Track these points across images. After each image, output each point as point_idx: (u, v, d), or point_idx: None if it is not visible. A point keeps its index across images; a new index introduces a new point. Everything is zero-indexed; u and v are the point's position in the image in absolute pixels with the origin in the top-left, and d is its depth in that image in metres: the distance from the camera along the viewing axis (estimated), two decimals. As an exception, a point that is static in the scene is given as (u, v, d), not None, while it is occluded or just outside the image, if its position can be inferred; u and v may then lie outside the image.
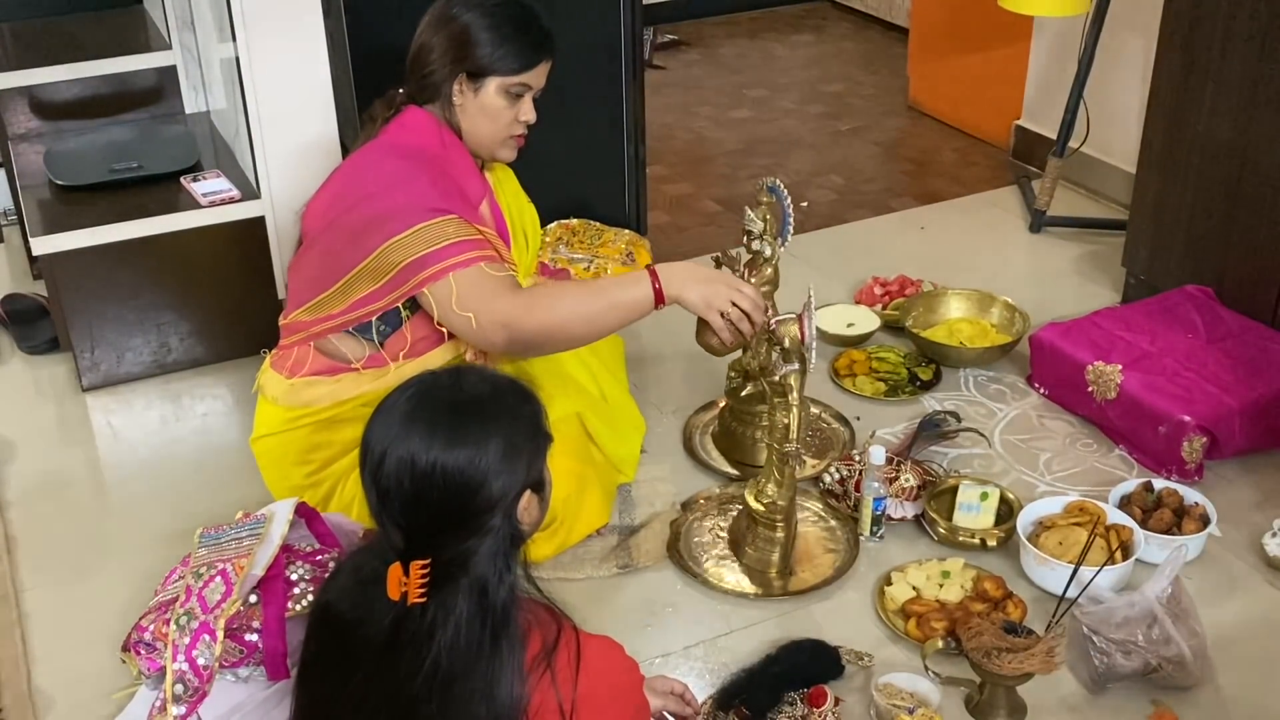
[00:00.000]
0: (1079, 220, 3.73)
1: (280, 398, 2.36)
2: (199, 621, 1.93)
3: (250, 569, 1.97)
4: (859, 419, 2.83)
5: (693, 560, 2.44)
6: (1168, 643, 2.06)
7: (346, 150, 2.88)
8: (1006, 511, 2.47)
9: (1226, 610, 2.29)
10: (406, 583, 1.51)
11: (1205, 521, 2.42)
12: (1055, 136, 3.69)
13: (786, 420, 2.28)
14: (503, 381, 1.61)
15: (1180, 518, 2.43)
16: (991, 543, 2.42)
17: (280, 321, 2.41)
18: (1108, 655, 2.07)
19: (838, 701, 2.06)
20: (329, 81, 2.87)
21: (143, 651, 2.04)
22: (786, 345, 2.24)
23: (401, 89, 2.37)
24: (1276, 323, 2.84)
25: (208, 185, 3.04)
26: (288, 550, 2.04)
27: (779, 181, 2.49)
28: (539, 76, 2.34)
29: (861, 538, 2.47)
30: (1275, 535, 2.40)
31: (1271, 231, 2.81)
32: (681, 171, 4.27)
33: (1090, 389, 2.74)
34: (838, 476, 2.57)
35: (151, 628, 2.04)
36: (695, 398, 2.92)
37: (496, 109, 2.32)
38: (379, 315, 2.27)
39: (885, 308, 3.22)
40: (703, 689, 2.12)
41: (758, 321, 2.24)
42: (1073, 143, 3.68)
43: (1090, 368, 2.74)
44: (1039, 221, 3.72)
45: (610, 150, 3.41)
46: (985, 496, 2.46)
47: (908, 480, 2.51)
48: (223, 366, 3.10)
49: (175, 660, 1.92)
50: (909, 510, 2.50)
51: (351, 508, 2.32)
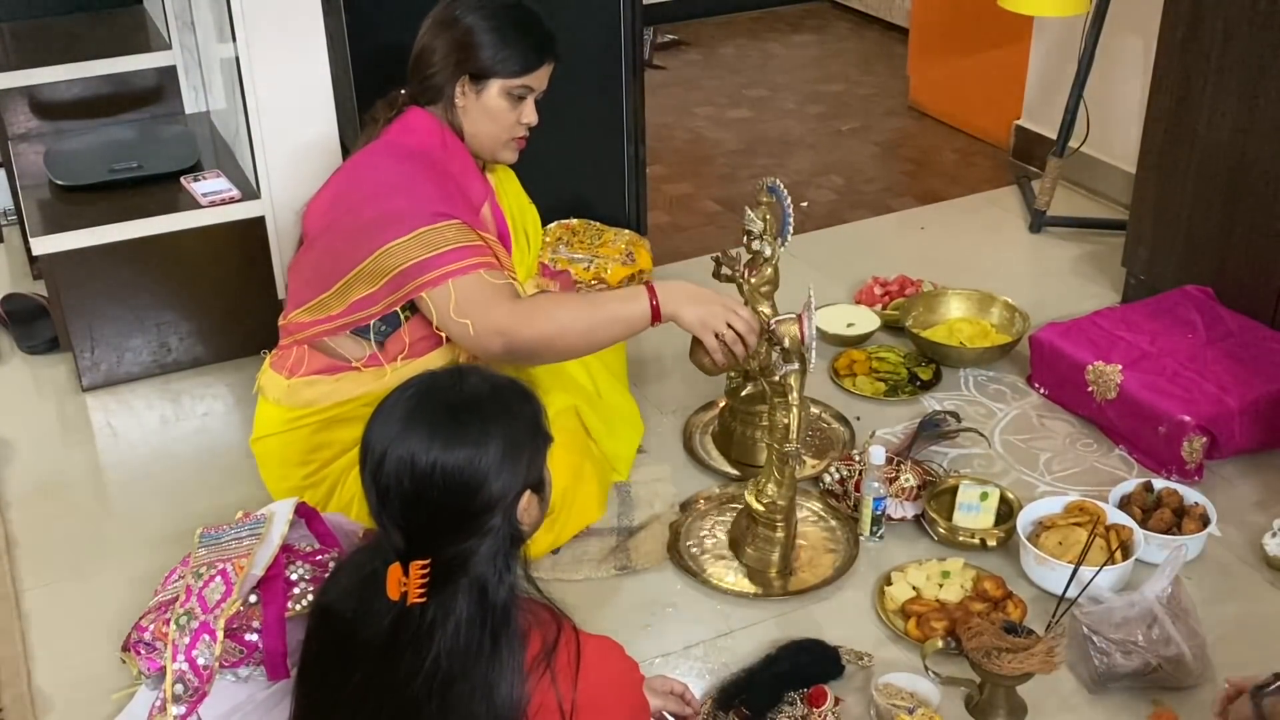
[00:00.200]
0: (1079, 220, 3.73)
1: (281, 398, 2.35)
2: (199, 621, 1.93)
3: (250, 569, 1.97)
4: (859, 419, 2.84)
5: (693, 560, 2.44)
6: (1168, 643, 2.06)
7: (347, 150, 2.88)
8: (1006, 511, 2.47)
9: (1226, 610, 2.29)
10: (406, 583, 1.51)
11: (1205, 521, 2.42)
12: (1055, 136, 3.69)
13: (786, 420, 2.28)
14: (503, 382, 1.62)
15: (1180, 518, 2.43)
16: (991, 543, 2.42)
17: (280, 322, 2.41)
18: (1108, 655, 2.07)
19: (838, 701, 2.06)
20: (329, 81, 2.87)
21: (143, 651, 2.04)
22: (786, 345, 2.24)
23: (404, 90, 2.38)
24: (1276, 323, 2.84)
25: (208, 185, 3.04)
26: (288, 550, 2.04)
27: (779, 181, 2.48)
28: (541, 79, 2.35)
29: (861, 538, 2.47)
30: (1275, 535, 2.40)
31: (1271, 232, 2.81)
32: (681, 171, 4.27)
33: (1090, 389, 2.74)
34: (838, 476, 2.57)
35: (151, 628, 2.04)
36: (695, 398, 2.92)
37: (499, 111, 2.32)
38: (378, 317, 2.28)
39: (885, 308, 3.22)
40: (703, 689, 2.12)
41: (751, 345, 2.24)
42: (1073, 143, 3.68)
43: (1090, 368, 2.74)
44: (1039, 221, 3.72)
45: (610, 150, 3.41)
46: (985, 496, 2.46)
47: (908, 480, 2.51)
48: (223, 366, 3.10)
49: (175, 660, 1.92)
50: (909, 510, 2.50)
51: (351, 507, 2.32)
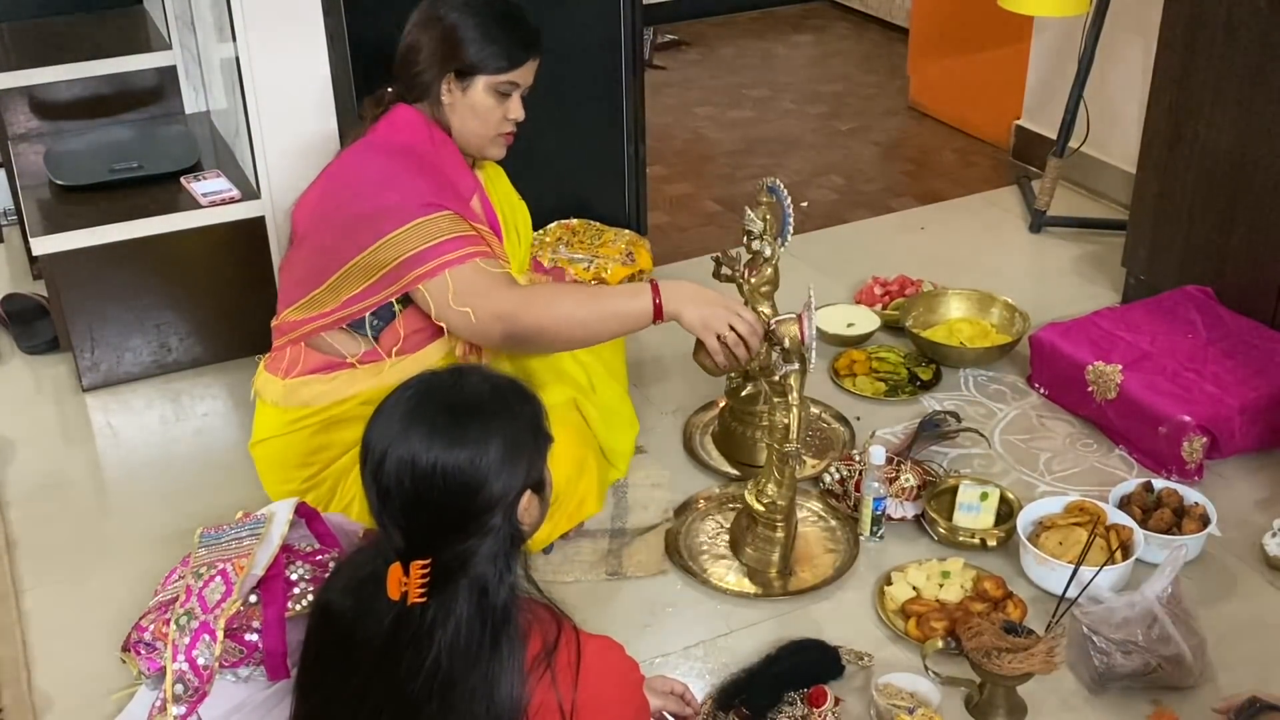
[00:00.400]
0: (1079, 220, 3.73)
1: (278, 400, 2.35)
2: (199, 621, 1.93)
3: (250, 569, 1.97)
4: (859, 419, 2.83)
5: (693, 560, 2.44)
6: (1168, 643, 2.06)
7: (347, 150, 2.89)
8: (1006, 511, 2.47)
9: (1226, 610, 2.29)
10: (407, 583, 1.51)
11: (1205, 521, 2.42)
12: (1055, 136, 3.69)
13: (786, 420, 2.28)
14: (503, 382, 1.62)
15: (1180, 518, 2.43)
16: (991, 543, 2.42)
17: (273, 323, 2.41)
18: (1108, 655, 2.07)
19: (838, 701, 2.06)
20: (329, 81, 2.87)
21: (143, 651, 2.04)
22: (786, 345, 2.24)
23: (390, 88, 2.38)
24: (1276, 323, 2.84)
25: (208, 185, 3.04)
26: (288, 550, 2.04)
27: (779, 181, 2.48)
28: (527, 74, 2.35)
29: (861, 538, 2.47)
30: (1275, 535, 2.40)
31: (1271, 232, 2.81)
32: (681, 171, 4.27)
33: (1090, 389, 2.74)
34: (838, 476, 2.57)
35: (151, 628, 2.04)
36: (695, 398, 2.92)
37: (485, 107, 2.32)
38: (372, 311, 2.27)
39: (885, 308, 3.22)
40: (703, 689, 2.12)
41: (754, 348, 2.24)
42: (1073, 143, 3.68)
43: (1090, 368, 2.74)
44: (1039, 221, 3.72)
45: (610, 150, 3.41)
46: (985, 496, 2.46)
47: (908, 480, 2.51)
48: (223, 366, 3.10)
49: (175, 660, 1.92)
50: (909, 510, 2.50)
51: (352, 507, 2.32)
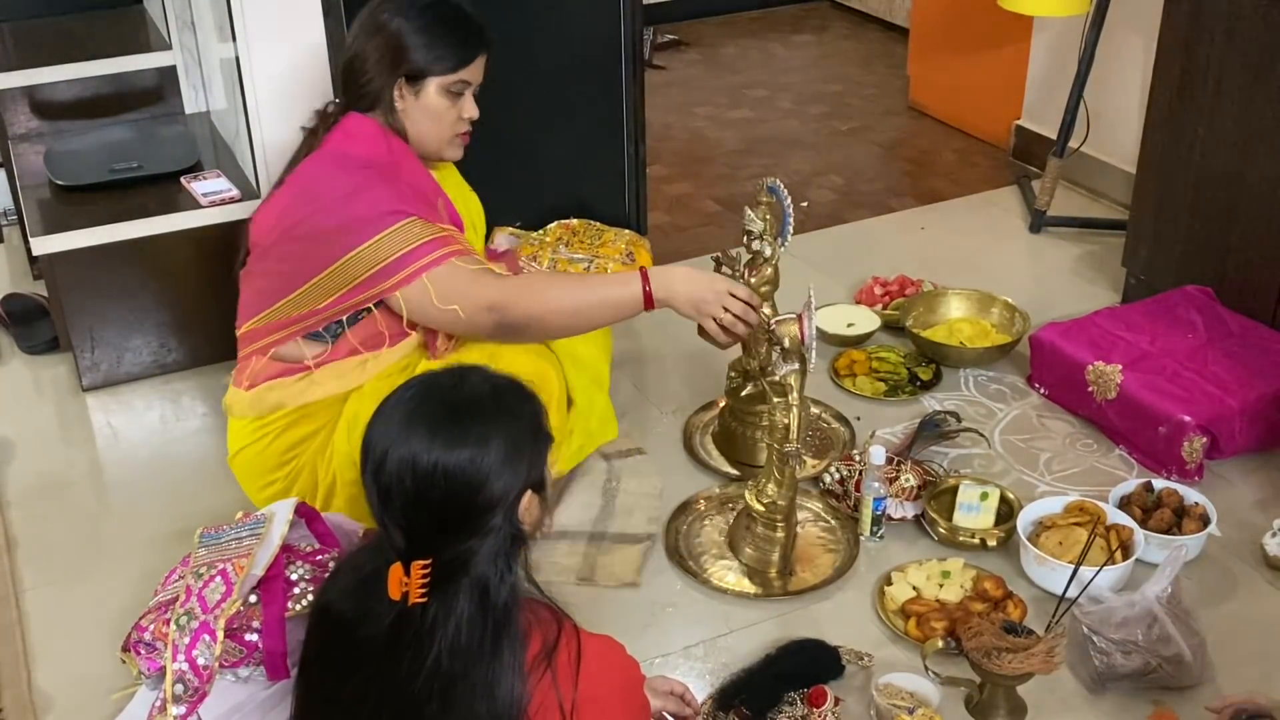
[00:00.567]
0: (1079, 220, 3.73)
1: (247, 409, 2.34)
2: (199, 621, 1.93)
3: (250, 569, 1.96)
4: (859, 419, 2.83)
5: (693, 560, 2.44)
6: (1168, 643, 2.06)
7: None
8: (1006, 511, 2.47)
9: (1226, 610, 2.29)
10: (407, 582, 1.51)
11: (1205, 521, 2.42)
12: (1055, 136, 3.69)
13: (786, 420, 2.28)
14: (503, 382, 1.62)
15: (1180, 518, 2.43)
16: (991, 543, 2.42)
17: (238, 333, 2.39)
18: (1108, 655, 2.07)
19: (838, 701, 2.06)
20: (329, 82, 2.87)
21: (143, 651, 2.04)
22: (786, 345, 2.24)
23: (335, 100, 2.35)
24: (1276, 323, 2.84)
25: (208, 185, 3.04)
26: (288, 550, 2.04)
27: (779, 181, 2.49)
28: (476, 71, 2.33)
29: (861, 538, 2.47)
30: (1275, 535, 2.39)
31: (1271, 231, 2.81)
32: (681, 171, 4.27)
33: (1090, 389, 2.74)
34: (838, 476, 2.57)
35: (151, 628, 2.04)
36: (695, 398, 2.92)
37: (439, 109, 2.31)
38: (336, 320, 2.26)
39: (885, 308, 3.22)
40: (703, 689, 2.12)
41: (753, 321, 2.24)
42: (1073, 143, 3.68)
43: (1090, 368, 2.74)
44: (1039, 221, 3.72)
45: (610, 150, 3.41)
46: (985, 496, 2.46)
47: (908, 480, 2.51)
48: (223, 367, 3.07)
49: (175, 660, 1.92)
50: (909, 510, 2.50)
51: (335, 489, 2.31)
